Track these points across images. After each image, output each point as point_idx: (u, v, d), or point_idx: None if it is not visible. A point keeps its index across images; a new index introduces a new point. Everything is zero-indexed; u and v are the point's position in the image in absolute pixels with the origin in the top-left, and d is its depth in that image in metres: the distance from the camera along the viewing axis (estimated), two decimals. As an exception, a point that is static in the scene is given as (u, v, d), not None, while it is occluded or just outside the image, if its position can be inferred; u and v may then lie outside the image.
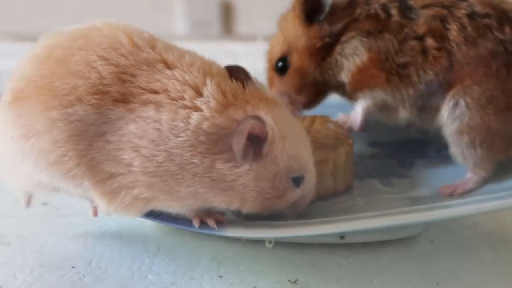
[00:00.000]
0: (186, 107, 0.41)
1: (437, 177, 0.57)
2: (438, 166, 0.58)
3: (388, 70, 0.54)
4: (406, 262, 0.49)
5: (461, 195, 0.52)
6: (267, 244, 0.50)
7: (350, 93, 0.58)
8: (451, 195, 0.52)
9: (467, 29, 0.52)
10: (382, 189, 0.56)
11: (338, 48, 0.56)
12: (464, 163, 0.54)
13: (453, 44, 0.52)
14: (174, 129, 0.40)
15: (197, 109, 0.41)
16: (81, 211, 0.55)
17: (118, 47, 0.43)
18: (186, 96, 0.41)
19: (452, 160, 0.55)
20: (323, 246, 0.50)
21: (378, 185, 0.56)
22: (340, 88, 0.59)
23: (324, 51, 0.57)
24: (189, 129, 0.40)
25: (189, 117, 0.40)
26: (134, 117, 0.41)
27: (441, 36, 0.53)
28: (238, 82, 0.43)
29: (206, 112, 0.41)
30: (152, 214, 0.47)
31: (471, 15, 0.53)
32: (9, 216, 0.55)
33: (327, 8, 0.56)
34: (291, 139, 0.43)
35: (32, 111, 0.42)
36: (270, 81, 0.61)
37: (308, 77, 0.58)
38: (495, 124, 0.52)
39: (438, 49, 0.52)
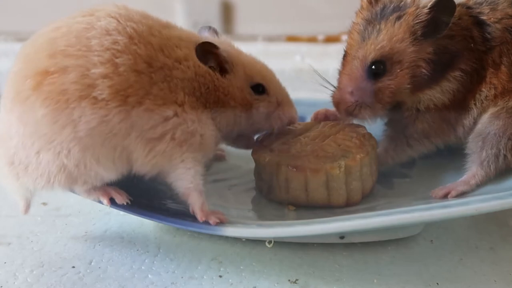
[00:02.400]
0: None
1: (437, 177, 0.56)
2: (438, 166, 0.58)
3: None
4: (406, 262, 0.49)
5: (455, 197, 0.51)
6: (267, 244, 0.50)
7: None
8: (446, 198, 0.51)
9: None
10: (382, 189, 0.56)
11: (443, 84, 0.53)
12: (474, 157, 0.53)
13: None
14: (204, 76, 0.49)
15: None
16: (81, 211, 0.56)
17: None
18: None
19: (452, 160, 0.55)
20: (323, 246, 0.50)
21: (378, 185, 0.56)
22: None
23: (427, 80, 0.52)
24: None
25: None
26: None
27: (507, 50, 0.52)
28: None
29: None
30: (152, 214, 0.47)
31: None
32: (9, 216, 0.55)
33: (445, 28, 0.51)
34: (249, 62, 0.53)
35: (68, 80, 0.42)
36: (350, 75, 0.53)
37: (398, 97, 0.53)
38: None
39: (498, 65, 0.52)
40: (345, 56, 0.55)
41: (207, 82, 0.49)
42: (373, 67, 0.52)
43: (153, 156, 0.46)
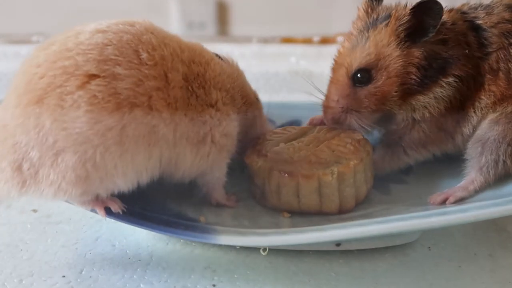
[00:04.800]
0: None
1: (435, 182, 0.56)
2: (436, 171, 0.57)
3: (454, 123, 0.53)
4: (403, 270, 0.48)
5: (454, 203, 0.50)
6: (261, 252, 0.49)
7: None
8: (444, 204, 0.51)
9: None
10: (378, 194, 0.55)
11: (436, 90, 0.52)
12: (473, 162, 0.52)
13: None
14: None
15: None
16: (72, 218, 0.55)
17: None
18: None
19: (451, 165, 0.55)
20: (319, 254, 0.50)
21: (375, 190, 0.55)
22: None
23: (418, 86, 0.51)
24: None
25: None
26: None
27: (504, 55, 0.52)
28: None
29: None
30: (144, 223, 0.47)
31: None
32: (-2, 224, 0.54)
33: (432, 31, 0.50)
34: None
35: (122, 86, 0.42)
36: (336, 83, 0.53)
37: (386, 104, 0.52)
38: None
39: (496, 71, 0.52)
40: (333, 65, 0.55)
41: (232, 73, 0.53)
42: (358, 75, 0.52)
43: (199, 159, 0.49)
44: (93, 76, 0.42)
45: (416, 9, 0.50)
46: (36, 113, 0.42)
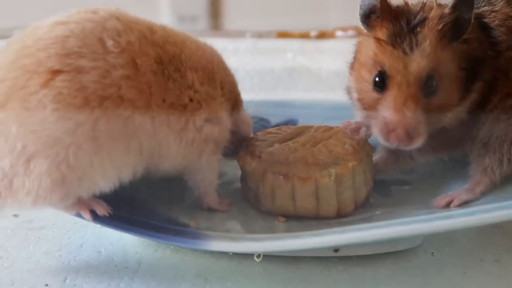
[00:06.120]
0: None
1: (439, 184, 0.54)
2: (440, 172, 0.56)
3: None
4: (406, 277, 0.47)
5: (458, 206, 0.49)
6: (255, 258, 0.48)
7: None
8: (448, 207, 0.49)
9: None
10: (379, 197, 0.54)
11: (471, 95, 0.50)
12: (477, 163, 0.51)
13: None
14: None
15: None
16: (55, 223, 0.54)
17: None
18: None
19: (455, 166, 0.54)
20: (316, 260, 0.48)
21: (375, 193, 0.54)
22: None
23: (465, 89, 0.49)
24: None
25: None
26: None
27: None
28: None
29: None
30: (132, 228, 0.46)
31: None
32: (-23, 229, 0.53)
33: (468, 26, 0.48)
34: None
35: (88, 79, 0.41)
36: (404, 93, 0.47)
37: (450, 111, 0.49)
38: None
39: (506, 72, 0.50)
40: (383, 73, 0.49)
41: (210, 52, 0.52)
42: (427, 83, 0.47)
43: (184, 146, 0.47)
44: (56, 72, 0.41)
45: (456, 5, 0.47)
46: (0, 119, 0.41)
